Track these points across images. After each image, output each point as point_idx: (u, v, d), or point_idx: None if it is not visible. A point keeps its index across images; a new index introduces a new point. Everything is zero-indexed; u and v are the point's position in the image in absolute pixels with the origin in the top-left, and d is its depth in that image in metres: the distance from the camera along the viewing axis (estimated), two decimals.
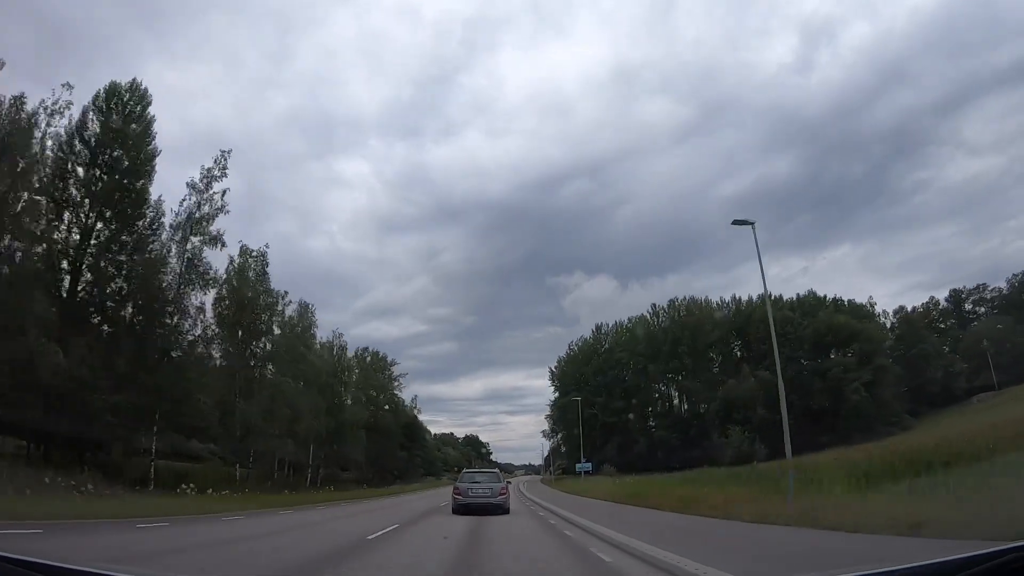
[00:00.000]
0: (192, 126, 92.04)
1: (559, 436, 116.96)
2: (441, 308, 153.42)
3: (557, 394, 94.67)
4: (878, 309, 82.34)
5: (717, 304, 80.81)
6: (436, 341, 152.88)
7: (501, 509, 15.92)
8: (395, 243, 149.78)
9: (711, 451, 65.98)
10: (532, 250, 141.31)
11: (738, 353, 77.22)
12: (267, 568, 6.62)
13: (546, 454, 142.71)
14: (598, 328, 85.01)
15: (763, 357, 74.57)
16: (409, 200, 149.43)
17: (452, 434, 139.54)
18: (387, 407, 61.49)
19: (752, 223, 15.58)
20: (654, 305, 79.11)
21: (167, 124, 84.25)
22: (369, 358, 60.03)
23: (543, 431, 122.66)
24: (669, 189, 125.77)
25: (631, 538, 8.32)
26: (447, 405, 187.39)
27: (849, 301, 78.66)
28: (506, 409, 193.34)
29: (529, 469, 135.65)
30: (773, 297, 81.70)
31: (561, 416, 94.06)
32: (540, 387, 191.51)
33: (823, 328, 75.49)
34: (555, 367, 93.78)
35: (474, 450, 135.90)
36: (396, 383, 61.48)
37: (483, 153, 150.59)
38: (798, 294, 78.84)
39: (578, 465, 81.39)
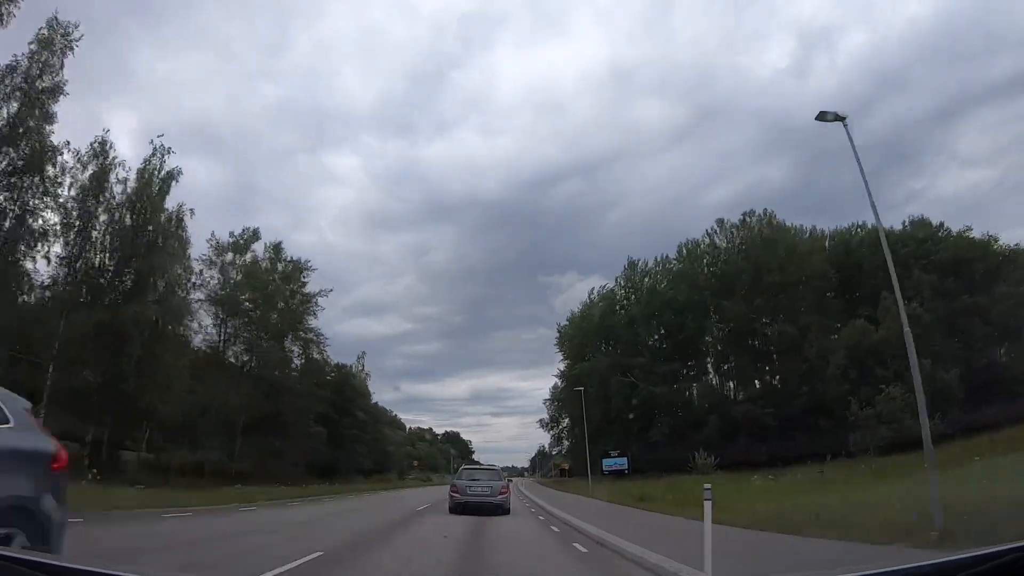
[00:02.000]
0: (182, 117, 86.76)
1: (564, 425, 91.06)
2: (429, 307, 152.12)
3: (566, 363, 68.69)
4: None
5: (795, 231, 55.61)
6: (423, 340, 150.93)
7: (501, 509, 15.27)
8: (385, 240, 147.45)
9: (828, 434, 40.70)
10: (523, 250, 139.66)
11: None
12: None
13: (544, 449, 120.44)
14: (632, 264, 59.11)
15: (879, 294, 49.68)
16: (400, 197, 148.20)
17: (431, 429, 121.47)
18: (296, 350, 34.86)
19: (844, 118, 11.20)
20: (721, 221, 53.44)
21: (157, 115, 76.91)
22: (266, 251, 33.12)
23: (540, 420, 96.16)
24: (663, 192, 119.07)
25: None
26: (432, 405, 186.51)
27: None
28: (491, 411, 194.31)
29: (512, 472, 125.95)
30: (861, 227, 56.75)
31: (572, 395, 67.64)
32: (527, 388, 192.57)
33: (966, 252, 50.70)
34: (565, 324, 67.97)
35: (455, 447, 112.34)
36: (311, 305, 34.82)
37: (477, 151, 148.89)
38: (911, 216, 53.95)
39: (606, 461, 54.89)
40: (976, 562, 1.71)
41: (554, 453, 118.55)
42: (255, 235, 32.74)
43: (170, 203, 25.13)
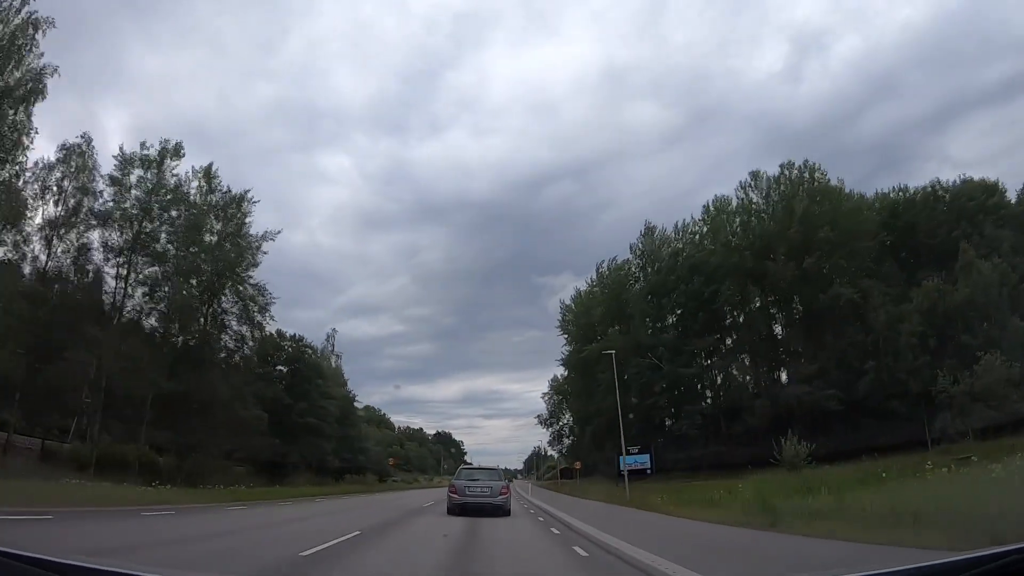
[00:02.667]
0: (174, 114, 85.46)
1: (566, 420, 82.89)
2: (420, 308, 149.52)
3: (571, 348, 60.69)
4: None
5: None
6: (415, 341, 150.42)
7: (502, 511, 14.31)
8: (376, 240, 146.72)
9: (906, 418, 33.13)
10: (515, 252, 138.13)
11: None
12: None
13: (540, 450, 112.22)
14: (648, 231, 51.27)
15: (946, 257, 42.34)
16: (392, 197, 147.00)
17: (421, 429, 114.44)
18: (236, 312, 26.47)
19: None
20: (756, 174, 45.68)
21: (148, 112, 78.10)
22: (194, 176, 24.72)
23: (538, 416, 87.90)
24: (657, 194, 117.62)
25: None
26: (424, 407, 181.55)
27: None
28: (483, 413, 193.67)
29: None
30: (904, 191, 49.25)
31: (578, 384, 59.53)
32: (519, 391, 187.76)
33: None
34: (569, 302, 60.09)
35: (446, 448, 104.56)
36: (253, 250, 26.40)
37: (468, 152, 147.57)
38: (961, 175, 46.69)
39: (624, 459, 46.60)
40: (980, 562, 1.70)
41: (547, 453, 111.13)
42: (177, 150, 24.35)
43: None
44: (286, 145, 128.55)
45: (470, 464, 23.28)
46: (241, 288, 25.70)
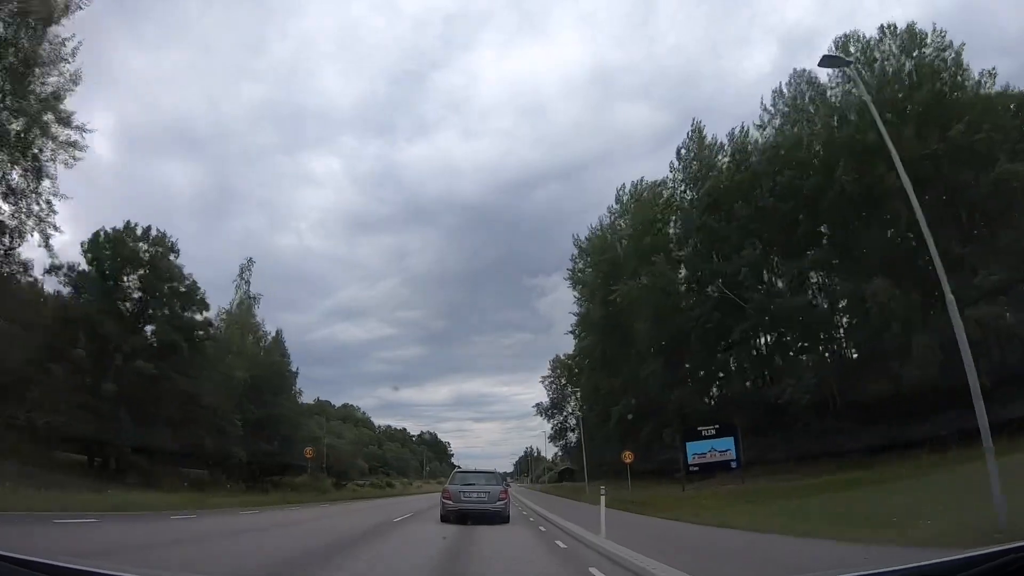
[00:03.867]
0: (160, 115, 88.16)
1: (570, 410, 69.20)
2: (410, 311, 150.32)
3: (585, 305, 47.89)
4: None
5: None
6: (404, 345, 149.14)
7: (500, 517, 13.59)
8: (365, 243, 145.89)
9: None
10: (504, 254, 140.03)
11: None
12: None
13: (533, 449, 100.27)
14: (698, 132, 38.56)
15: None
16: (380, 199, 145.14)
17: (404, 429, 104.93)
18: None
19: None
20: (848, 37, 33.36)
21: (134, 113, 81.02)
22: None
23: (537, 404, 74.04)
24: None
25: None
26: (413, 410, 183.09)
27: None
28: (472, 416, 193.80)
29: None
30: None
31: (599, 351, 46.00)
32: (509, 393, 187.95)
33: None
34: (583, 240, 47.38)
35: (431, 449, 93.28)
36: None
37: (457, 153, 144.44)
38: None
39: (693, 447, 30.27)
40: (976, 562, 1.69)
41: (539, 454, 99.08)
42: None
43: None
44: (274, 147, 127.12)
45: (459, 467, 22.63)
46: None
